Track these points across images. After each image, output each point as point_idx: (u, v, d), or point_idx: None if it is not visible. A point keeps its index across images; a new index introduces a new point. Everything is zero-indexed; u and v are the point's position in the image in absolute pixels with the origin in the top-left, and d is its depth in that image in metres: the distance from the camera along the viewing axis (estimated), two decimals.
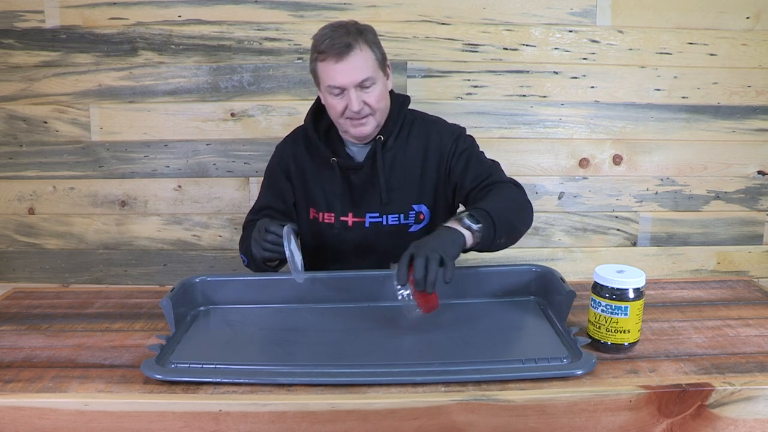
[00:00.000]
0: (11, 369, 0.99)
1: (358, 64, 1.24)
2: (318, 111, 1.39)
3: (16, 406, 0.90)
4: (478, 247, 1.15)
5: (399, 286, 1.03)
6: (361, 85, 1.26)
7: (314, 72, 1.30)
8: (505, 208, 1.20)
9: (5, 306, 1.28)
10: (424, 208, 1.38)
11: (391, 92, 1.38)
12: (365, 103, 1.27)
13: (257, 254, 1.23)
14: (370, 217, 1.38)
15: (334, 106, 1.29)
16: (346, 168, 1.37)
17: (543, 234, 1.95)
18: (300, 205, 1.43)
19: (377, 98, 1.28)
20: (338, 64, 1.24)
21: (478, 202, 1.21)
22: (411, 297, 1.04)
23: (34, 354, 1.05)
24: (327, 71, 1.26)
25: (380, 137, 1.34)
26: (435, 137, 1.38)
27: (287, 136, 1.47)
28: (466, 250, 1.13)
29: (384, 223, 1.38)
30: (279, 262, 1.30)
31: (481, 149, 1.41)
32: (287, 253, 1.15)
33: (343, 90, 1.26)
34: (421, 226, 1.38)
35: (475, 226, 1.11)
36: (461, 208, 1.40)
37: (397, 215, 1.37)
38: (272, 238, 1.19)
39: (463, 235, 1.09)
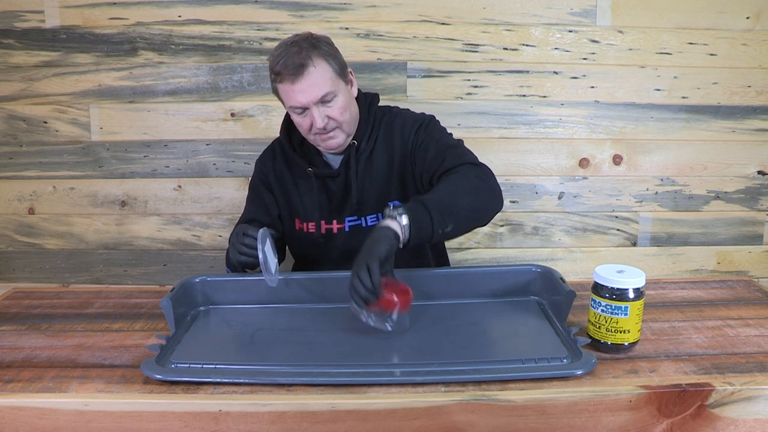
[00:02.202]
0: (11, 369, 0.99)
1: (314, 81, 1.23)
2: (290, 123, 1.38)
3: (16, 406, 0.90)
4: (426, 239, 1.09)
5: (362, 316, 1.04)
6: (322, 101, 1.25)
7: (276, 92, 1.30)
8: (449, 194, 1.14)
9: (5, 306, 1.28)
10: (398, 204, 1.37)
11: (359, 94, 1.38)
12: (329, 118, 1.26)
13: (233, 259, 1.23)
14: (349, 221, 1.38)
15: (300, 124, 1.29)
16: (323, 177, 1.37)
17: (543, 234, 1.95)
18: (284, 216, 1.43)
19: (340, 110, 1.27)
20: (295, 85, 1.23)
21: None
22: (376, 317, 1.04)
23: (34, 354, 1.05)
24: (286, 92, 1.25)
25: (354, 142, 1.34)
26: (398, 131, 1.36)
27: (264, 150, 1.47)
28: (408, 244, 1.08)
29: (363, 225, 1.38)
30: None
31: (448, 132, 1.36)
32: (260, 255, 1.14)
33: (305, 109, 1.26)
34: None
35: (396, 213, 1.07)
36: None
37: (374, 215, 1.37)
38: (249, 241, 1.19)
39: (389, 227, 1.06)
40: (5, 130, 1.88)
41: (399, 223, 1.07)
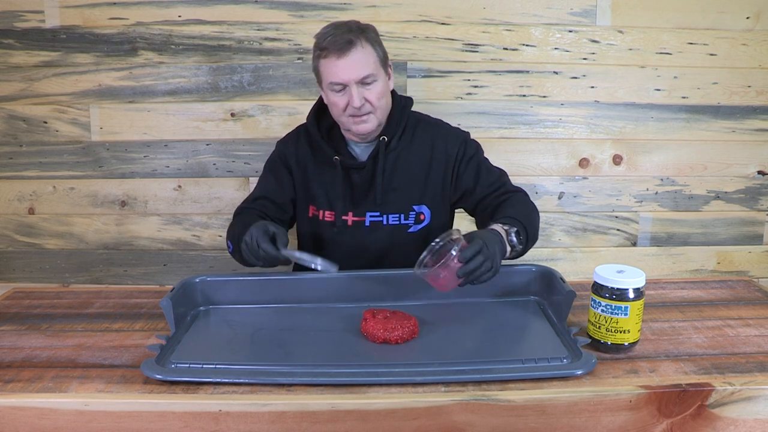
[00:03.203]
0: (11, 369, 0.99)
1: (359, 60, 1.26)
2: (320, 110, 1.40)
3: (16, 406, 0.90)
4: (511, 258, 1.21)
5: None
6: (363, 82, 1.27)
7: (316, 70, 1.31)
8: (531, 223, 1.26)
9: (5, 306, 1.28)
10: (425, 209, 1.38)
11: (394, 94, 1.39)
12: (366, 100, 1.28)
13: (251, 262, 1.20)
14: (371, 216, 1.38)
15: (336, 102, 1.30)
16: (349, 167, 1.37)
17: (543, 234, 1.95)
18: (300, 202, 1.43)
19: (378, 95, 1.29)
20: (340, 60, 1.25)
21: (509, 211, 1.25)
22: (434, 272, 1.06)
23: (34, 354, 1.05)
24: (329, 67, 1.27)
25: (383, 138, 1.35)
26: (441, 141, 1.39)
27: (289, 133, 1.47)
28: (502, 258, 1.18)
29: (384, 222, 1.38)
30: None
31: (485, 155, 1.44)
32: (306, 264, 1.11)
33: (344, 86, 1.27)
34: (420, 226, 1.38)
35: (517, 244, 1.18)
36: (481, 213, 1.41)
37: (397, 215, 1.38)
38: (264, 255, 1.15)
39: (507, 249, 1.16)
40: (5, 130, 1.88)
41: (510, 242, 1.17)
